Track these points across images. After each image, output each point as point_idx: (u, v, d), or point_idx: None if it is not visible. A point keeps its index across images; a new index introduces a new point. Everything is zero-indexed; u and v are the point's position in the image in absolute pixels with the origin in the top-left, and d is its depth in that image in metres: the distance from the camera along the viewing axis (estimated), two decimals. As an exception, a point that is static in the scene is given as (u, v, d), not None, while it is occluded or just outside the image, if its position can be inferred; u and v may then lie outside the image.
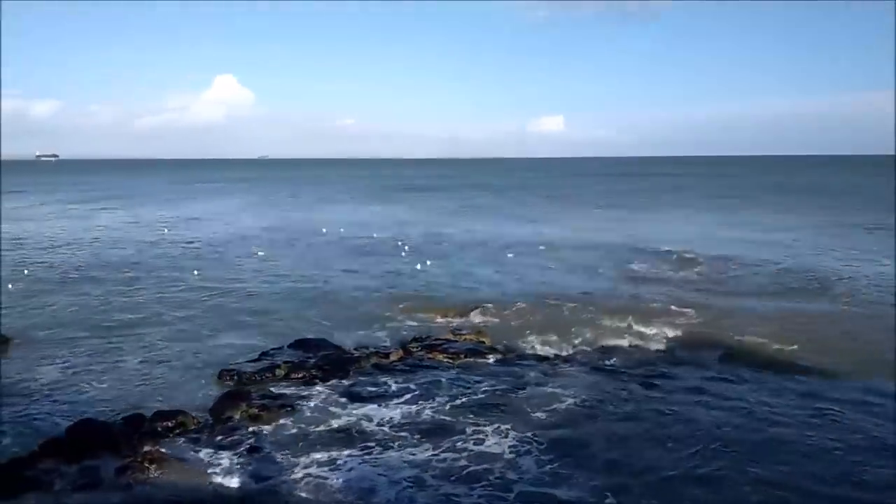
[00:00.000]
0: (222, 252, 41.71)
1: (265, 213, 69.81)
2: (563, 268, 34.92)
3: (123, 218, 65.02)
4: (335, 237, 48.86)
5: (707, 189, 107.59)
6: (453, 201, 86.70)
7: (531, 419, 15.67)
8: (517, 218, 63.06)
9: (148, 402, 16.74)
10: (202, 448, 14.16)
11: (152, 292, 29.59)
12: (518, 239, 46.95)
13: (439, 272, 33.96)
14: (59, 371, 19.30)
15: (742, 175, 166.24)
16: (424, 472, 13.11)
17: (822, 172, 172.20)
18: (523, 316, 25.06)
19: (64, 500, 11.79)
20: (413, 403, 16.82)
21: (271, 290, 30.09)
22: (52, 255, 40.68)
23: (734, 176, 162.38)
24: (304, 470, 13.18)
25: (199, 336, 22.79)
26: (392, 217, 64.60)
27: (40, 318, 25.02)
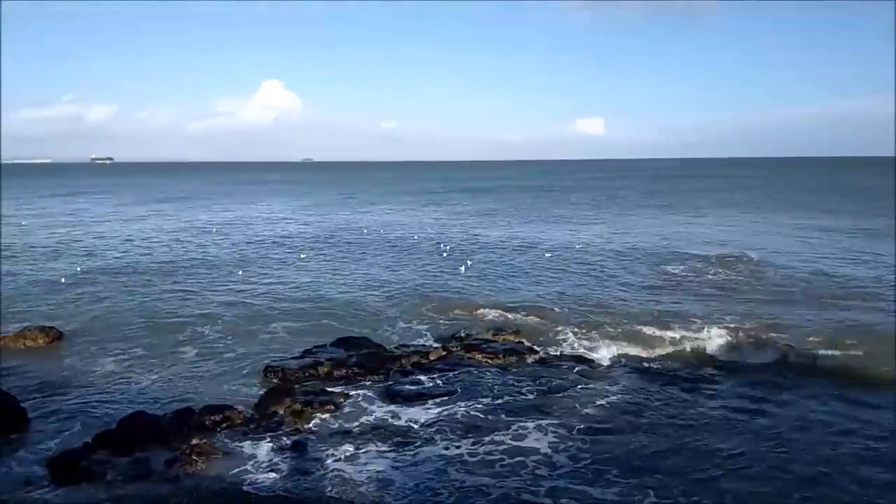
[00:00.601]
0: (266, 252, 42.52)
1: (308, 215, 70.84)
2: (602, 270, 34.52)
3: (174, 219, 66.80)
4: (376, 238, 49.29)
5: (746, 191, 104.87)
6: (493, 203, 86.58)
7: (569, 420, 15.62)
8: (556, 219, 62.64)
9: (196, 396, 17.21)
10: (248, 442, 14.50)
11: (200, 291, 30.36)
12: (556, 240, 46.77)
13: (479, 273, 34.01)
14: (110, 365, 19.99)
15: (785, 176, 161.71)
16: (463, 471, 13.18)
17: (868, 174, 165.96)
18: (562, 317, 24.89)
19: (116, 490, 12.19)
20: (452, 402, 16.92)
21: (314, 290, 30.54)
22: (105, 254, 42.07)
23: (775, 177, 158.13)
24: (345, 466, 13.38)
25: (244, 333, 23.30)
26: (432, 218, 64.90)
27: (93, 315, 25.93)
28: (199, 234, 53.16)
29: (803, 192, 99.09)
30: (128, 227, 59.10)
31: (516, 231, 52.97)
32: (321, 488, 12.42)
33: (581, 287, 30.38)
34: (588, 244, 43.99)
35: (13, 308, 27.16)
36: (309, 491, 12.26)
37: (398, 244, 45.54)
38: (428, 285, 31.05)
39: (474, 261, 37.14)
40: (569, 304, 26.67)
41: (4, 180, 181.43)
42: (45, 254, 42.31)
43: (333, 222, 61.87)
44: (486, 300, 27.64)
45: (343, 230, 54.83)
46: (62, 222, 63.55)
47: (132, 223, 62.50)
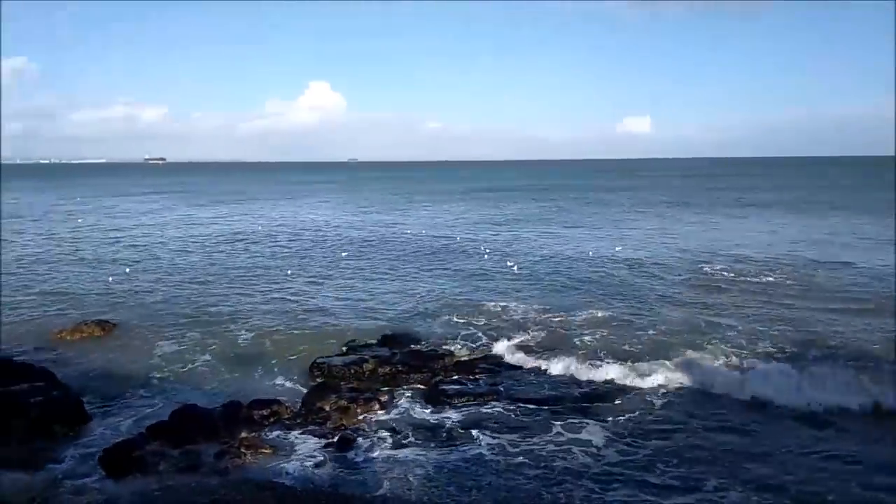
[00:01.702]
0: (312, 251, 43.13)
1: (352, 214, 71.59)
2: (645, 272, 33.88)
3: (222, 218, 68.29)
4: (419, 237, 49.49)
5: (794, 191, 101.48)
6: (536, 203, 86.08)
7: (612, 425, 15.39)
8: (598, 219, 61.95)
9: (244, 390, 17.52)
10: (295, 437, 14.72)
11: (247, 288, 30.96)
12: (601, 239, 46.29)
13: (523, 274, 33.84)
14: (162, 358, 20.55)
15: (834, 176, 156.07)
16: (506, 471, 13.11)
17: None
18: (605, 320, 24.54)
19: (167, 481, 12.47)
20: (495, 402, 16.87)
21: (358, 288, 30.83)
22: (157, 251, 43.27)
23: (826, 177, 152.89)
24: (390, 463, 13.46)
25: (290, 330, 23.65)
26: (474, 218, 64.86)
27: (145, 309, 26.69)
28: (247, 232, 54.21)
29: (852, 191, 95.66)
30: (178, 225, 60.69)
31: (558, 231, 52.60)
32: (366, 485, 12.51)
33: (625, 287, 29.94)
34: (632, 245, 43.31)
35: (70, 302, 28.19)
36: (354, 488, 12.35)
37: (440, 243, 45.63)
38: (470, 286, 31.02)
39: (515, 261, 36.93)
40: (613, 306, 26.31)
41: (64, 179, 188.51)
42: (99, 250, 43.78)
43: (376, 222, 62.37)
44: (528, 301, 27.46)
45: (385, 229, 55.25)
46: (116, 220, 65.65)
47: (182, 222, 64.13)
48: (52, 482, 12.52)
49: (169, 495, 11.73)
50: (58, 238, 50.67)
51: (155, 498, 11.68)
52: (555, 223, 59.32)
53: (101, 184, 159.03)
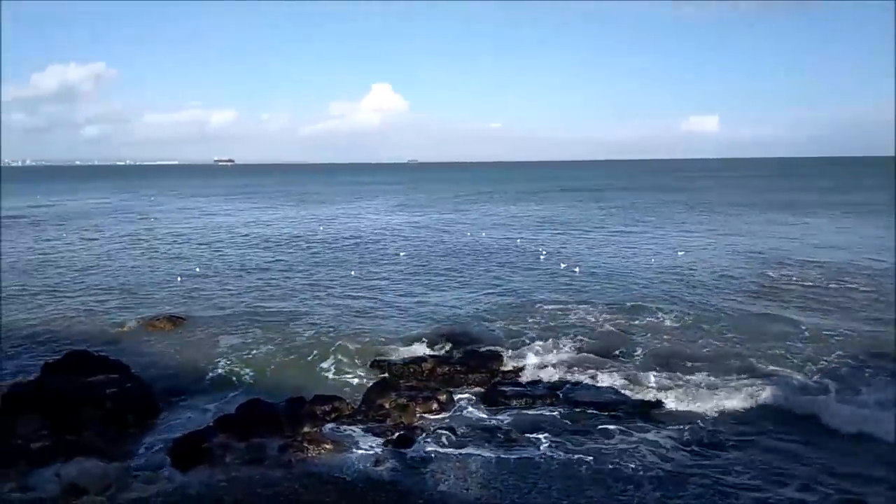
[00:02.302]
0: (372, 250, 43.69)
1: (411, 215, 72.16)
2: (707, 275, 32.83)
3: (288, 217, 70.01)
4: (477, 238, 49.47)
5: (870, 192, 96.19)
6: (595, 203, 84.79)
7: (677, 433, 15.00)
8: (660, 221, 60.52)
9: (307, 386, 17.88)
10: (355, 433, 14.93)
11: (310, 286, 31.62)
12: (661, 243, 45.25)
13: (581, 276, 33.41)
14: (228, 353, 21.18)
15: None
16: (564, 475, 12.94)
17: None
18: (668, 325, 23.97)
19: (233, 472, 12.86)
20: (555, 406, 16.73)
21: (417, 288, 31.05)
22: (225, 248, 44.70)
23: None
24: (447, 463, 13.49)
25: (351, 328, 24.01)
26: (533, 219, 64.38)
27: (212, 305, 27.61)
28: (310, 232, 55.34)
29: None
30: (245, 225, 62.48)
31: (618, 233, 51.70)
32: (425, 483, 12.57)
33: (686, 292, 29.12)
34: (694, 247, 42.27)
35: (143, 297, 29.40)
36: (413, 485, 12.43)
37: (498, 244, 45.52)
38: (528, 287, 30.80)
39: (574, 264, 36.47)
40: (674, 312, 25.61)
41: (139, 180, 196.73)
42: (171, 248, 45.54)
43: (435, 222, 62.69)
44: (588, 304, 27.03)
45: (443, 229, 55.47)
46: (187, 220, 68.14)
47: (249, 221, 65.99)
48: (125, 471, 13.06)
49: (235, 486, 12.10)
50: (133, 237, 52.98)
51: (222, 489, 12.07)
52: (614, 224, 58.32)
53: (173, 185, 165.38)
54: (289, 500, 11.55)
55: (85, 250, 45.01)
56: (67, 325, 24.71)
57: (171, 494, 11.90)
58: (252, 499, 11.58)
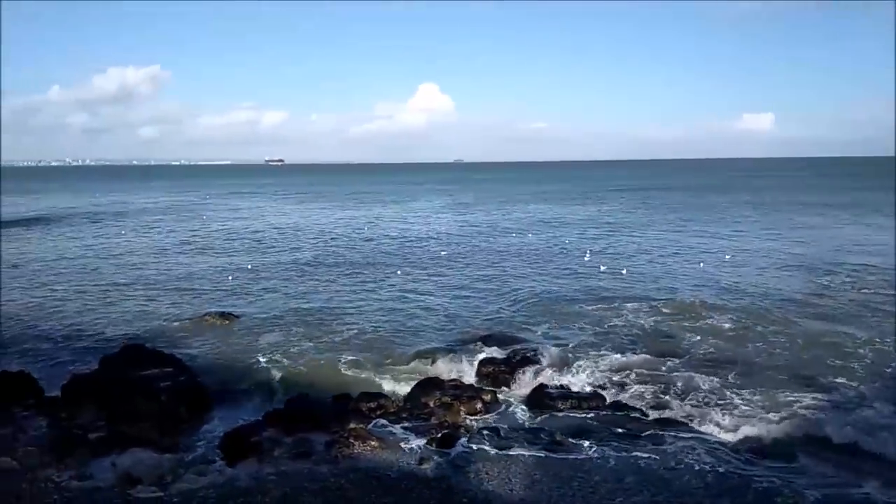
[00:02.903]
0: (418, 249, 43.97)
1: (457, 214, 72.28)
2: (758, 279, 31.90)
3: (336, 216, 71.02)
4: (522, 238, 49.26)
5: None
6: (643, 203, 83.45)
7: (727, 439, 14.63)
8: (710, 221, 59.19)
9: (352, 383, 18.11)
10: (400, 431, 15.00)
11: (358, 284, 32.01)
12: (710, 244, 44.42)
13: (628, 277, 32.96)
14: (276, 348, 21.59)
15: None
16: (610, 479, 12.73)
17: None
18: (718, 329, 23.38)
19: (281, 466, 13.08)
20: (601, 408, 16.51)
21: (461, 288, 31.13)
22: (276, 247, 45.60)
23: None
24: (492, 463, 13.42)
25: (397, 326, 24.22)
26: (580, 219, 63.74)
27: (262, 302, 28.22)
28: (358, 231, 56.01)
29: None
30: (295, 223, 63.60)
31: (665, 233, 50.81)
32: (469, 483, 12.55)
33: (736, 296, 28.37)
34: (745, 249, 41.35)
35: (196, 293, 30.22)
36: (457, 485, 12.42)
37: (544, 244, 45.27)
38: (573, 288, 30.54)
39: (616, 265, 35.99)
40: (724, 316, 24.93)
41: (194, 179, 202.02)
42: (224, 246, 46.67)
43: (481, 221, 62.66)
44: (634, 306, 26.62)
45: (489, 229, 55.40)
46: (239, 218, 69.72)
47: (298, 220, 67.14)
48: (177, 462, 13.43)
49: (282, 480, 12.32)
50: (187, 234, 54.51)
51: (270, 482, 12.30)
52: (661, 225, 57.32)
53: (225, 184, 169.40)
54: (335, 496, 11.69)
55: (140, 247, 46.54)
56: (124, 320, 25.56)
57: (221, 486, 12.18)
58: (299, 493, 11.77)
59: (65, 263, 39.20)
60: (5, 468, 12.61)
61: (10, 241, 50.18)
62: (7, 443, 13.97)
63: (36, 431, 14.70)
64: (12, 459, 13.01)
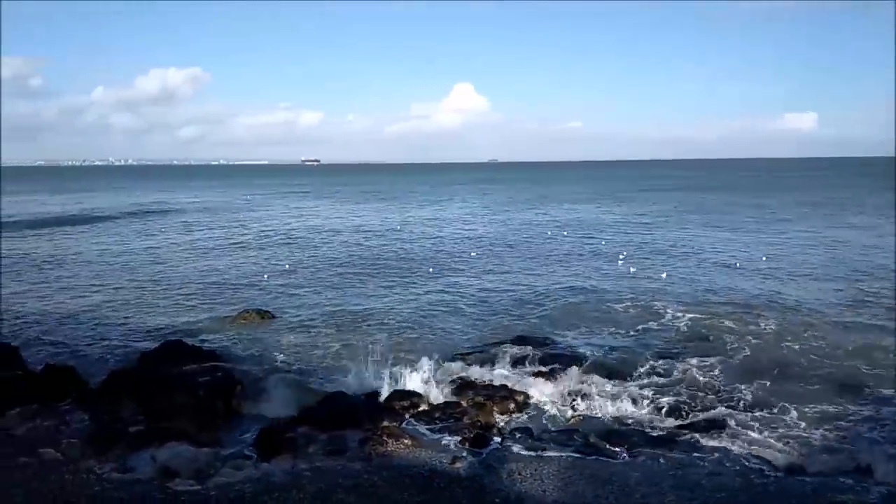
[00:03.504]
0: (451, 249, 43.96)
1: (491, 213, 72.13)
2: (794, 283, 31.04)
3: (370, 215, 71.54)
4: (556, 238, 48.92)
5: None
6: (679, 203, 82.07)
7: (767, 448, 14.20)
8: (748, 221, 57.96)
9: (385, 381, 18.13)
10: (433, 430, 15.03)
11: (392, 283, 32.17)
12: (747, 244, 43.55)
13: (665, 279, 32.44)
14: (311, 346, 21.85)
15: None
16: (644, 482, 12.52)
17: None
18: (756, 332, 22.82)
19: (315, 463, 13.20)
20: (638, 409, 16.32)
21: (494, 288, 31.02)
22: (313, 246, 46.10)
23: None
24: (524, 464, 13.33)
25: (428, 326, 24.25)
26: (614, 218, 63.06)
27: (298, 301, 28.50)
28: (393, 230, 56.29)
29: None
30: (331, 222, 64.23)
31: (700, 233, 49.96)
32: (501, 484, 12.49)
33: (772, 299, 27.66)
34: (782, 250, 40.46)
35: (234, 291, 30.71)
36: (489, 486, 12.36)
37: (578, 245, 44.87)
38: (608, 289, 30.17)
39: (652, 266, 35.49)
40: (762, 319, 24.36)
41: (231, 179, 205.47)
42: (261, 244, 47.36)
43: (515, 220, 62.42)
44: (669, 307, 26.22)
45: (523, 229, 55.14)
46: (276, 217, 70.68)
47: (334, 219, 67.79)
48: (214, 457, 13.64)
49: (317, 477, 12.43)
50: (225, 233, 55.46)
51: (304, 478, 12.42)
52: (698, 225, 56.33)
53: (262, 183, 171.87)
54: (368, 493, 11.75)
55: (180, 245, 47.50)
56: (163, 316, 26.09)
57: (256, 481, 12.33)
58: (333, 489, 11.86)
59: (108, 260, 40.21)
60: (49, 459, 12.98)
61: (54, 238, 51.71)
62: (51, 434, 14.40)
63: (78, 424, 15.12)
64: (56, 451, 13.39)
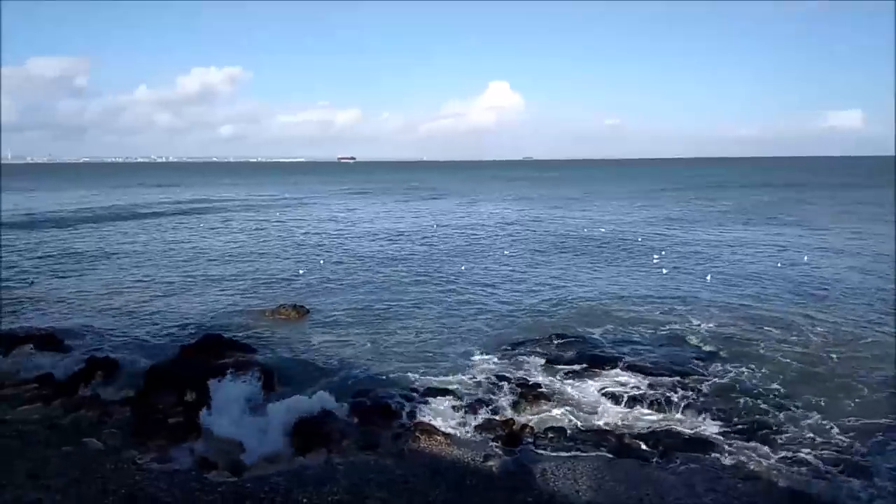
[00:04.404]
0: (485, 247, 43.91)
1: (525, 211, 71.72)
2: (842, 283, 30.24)
3: (405, 212, 71.83)
4: (589, 237, 48.44)
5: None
6: (716, 203, 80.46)
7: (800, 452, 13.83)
8: (790, 221, 56.55)
9: (420, 378, 18.22)
10: (466, 427, 15.06)
11: (426, 281, 32.27)
12: (788, 243, 42.71)
13: (706, 280, 31.90)
14: (346, 341, 22.08)
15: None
16: (676, 484, 12.36)
17: None
18: (801, 337, 22.29)
19: (349, 457, 13.33)
20: (669, 410, 16.11)
21: (530, 286, 30.89)
22: (346, 243, 46.48)
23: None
24: (557, 463, 13.30)
25: (462, 323, 24.25)
26: (650, 217, 62.15)
27: (333, 297, 28.77)
28: (427, 228, 56.40)
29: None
30: (366, 219, 64.68)
31: (740, 234, 48.87)
32: (534, 482, 12.46)
33: (818, 304, 26.94)
34: (826, 248, 39.46)
35: (271, 287, 31.14)
36: (522, 484, 12.34)
37: (613, 244, 44.39)
38: (642, 289, 29.81)
39: (691, 266, 34.84)
40: (809, 321, 23.93)
41: (269, 177, 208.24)
42: (298, 241, 47.94)
43: (550, 217, 61.98)
44: (706, 310, 25.78)
45: (556, 227, 54.72)
46: (313, 214, 71.46)
47: (369, 216, 68.21)
48: (250, 449, 13.90)
49: (350, 471, 12.54)
50: (263, 229, 56.29)
51: (338, 472, 12.54)
52: (735, 224, 55.14)
53: (299, 180, 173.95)
54: (400, 489, 11.81)
55: (219, 241, 48.38)
56: (203, 310, 26.59)
57: (290, 474, 12.51)
58: (365, 484, 11.95)
59: (150, 255, 41.20)
60: (92, 449, 13.35)
61: (100, 232, 53.13)
62: (94, 425, 14.80)
63: (120, 415, 15.51)
64: (98, 441, 13.76)
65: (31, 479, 11.59)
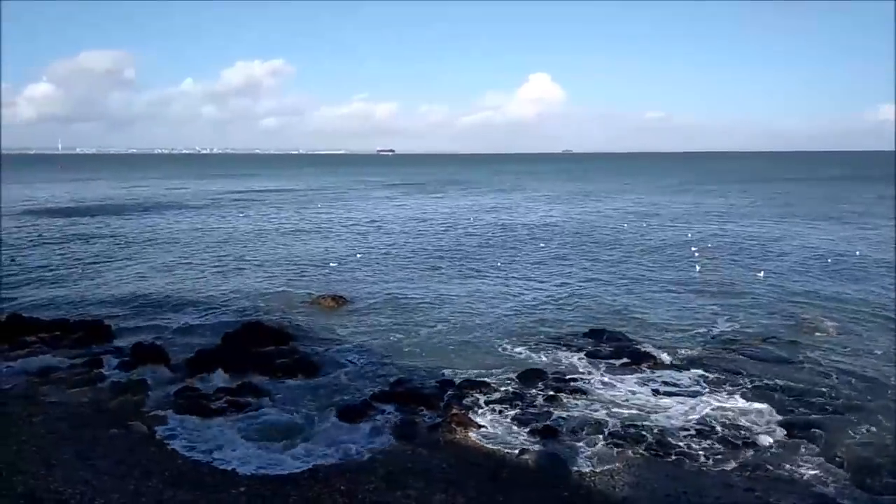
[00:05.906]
0: (520, 240, 43.75)
1: (562, 204, 71.21)
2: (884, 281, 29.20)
3: (441, 205, 72.00)
4: (624, 230, 47.89)
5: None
6: (761, 197, 78.45)
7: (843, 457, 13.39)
8: (841, 216, 54.84)
9: (456, 369, 18.25)
10: (502, 419, 15.03)
11: (458, 273, 32.37)
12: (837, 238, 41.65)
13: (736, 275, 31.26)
14: (383, 331, 22.27)
15: None
16: (717, 482, 12.16)
17: None
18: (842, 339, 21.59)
19: (386, 446, 13.48)
20: (712, 408, 15.78)
21: (565, 279, 30.75)
22: (383, 235, 46.86)
23: None
24: (593, 457, 13.21)
25: (498, 316, 24.18)
26: (690, 211, 60.93)
27: (371, 287, 29.04)
28: (463, 221, 56.46)
29: None
30: (403, 212, 65.06)
31: (797, 229, 47.59)
32: (569, 476, 12.39)
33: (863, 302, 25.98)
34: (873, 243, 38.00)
35: (311, 277, 31.59)
36: (557, 477, 12.28)
37: (654, 238, 43.81)
38: (682, 286, 29.33)
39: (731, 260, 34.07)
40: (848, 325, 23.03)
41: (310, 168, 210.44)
42: (336, 232, 48.45)
43: (587, 212, 61.42)
44: (746, 307, 25.28)
45: (594, 220, 54.18)
46: (352, 206, 72.10)
47: (407, 209, 68.55)
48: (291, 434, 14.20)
49: (388, 460, 12.69)
50: (303, 220, 57.09)
51: (376, 461, 12.70)
52: (785, 217, 53.72)
53: (338, 172, 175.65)
54: (436, 479, 11.87)
55: (261, 231, 49.28)
56: (245, 298, 27.10)
57: (330, 459, 12.77)
58: (403, 473, 12.05)
59: (195, 243, 42.28)
60: (137, 432, 13.74)
61: (149, 219, 54.56)
62: (139, 409, 15.24)
63: (165, 399, 15.92)
64: (143, 424, 14.15)
65: (80, 460, 11.97)
